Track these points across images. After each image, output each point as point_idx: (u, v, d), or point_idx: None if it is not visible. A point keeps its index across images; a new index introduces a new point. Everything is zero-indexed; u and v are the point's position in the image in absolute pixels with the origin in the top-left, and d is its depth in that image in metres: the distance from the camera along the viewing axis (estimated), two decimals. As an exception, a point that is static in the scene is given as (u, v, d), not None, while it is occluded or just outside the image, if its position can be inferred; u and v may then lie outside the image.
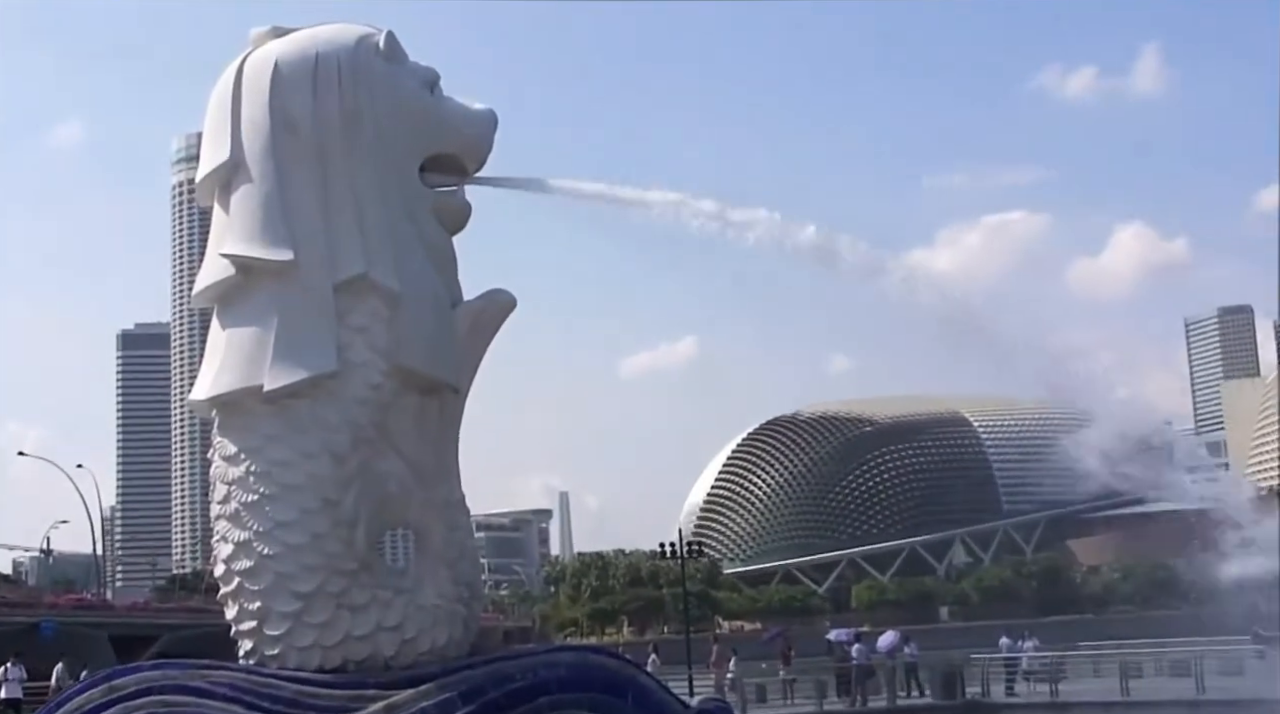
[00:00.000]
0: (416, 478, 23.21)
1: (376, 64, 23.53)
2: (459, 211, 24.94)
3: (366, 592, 22.41)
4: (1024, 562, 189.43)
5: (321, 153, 22.74)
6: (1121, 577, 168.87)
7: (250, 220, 22.60)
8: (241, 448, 22.31)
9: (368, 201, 22.81)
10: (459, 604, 23.58)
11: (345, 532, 22.23)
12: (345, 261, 22.44)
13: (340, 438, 22.20)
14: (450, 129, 24.16)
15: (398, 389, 22.83)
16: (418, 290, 23.00)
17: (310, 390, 22.11)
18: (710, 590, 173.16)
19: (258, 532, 21.92)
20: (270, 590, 21.93)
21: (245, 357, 22.32)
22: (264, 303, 22.42)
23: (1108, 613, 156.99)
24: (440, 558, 23.45)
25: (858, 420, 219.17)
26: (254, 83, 23.17)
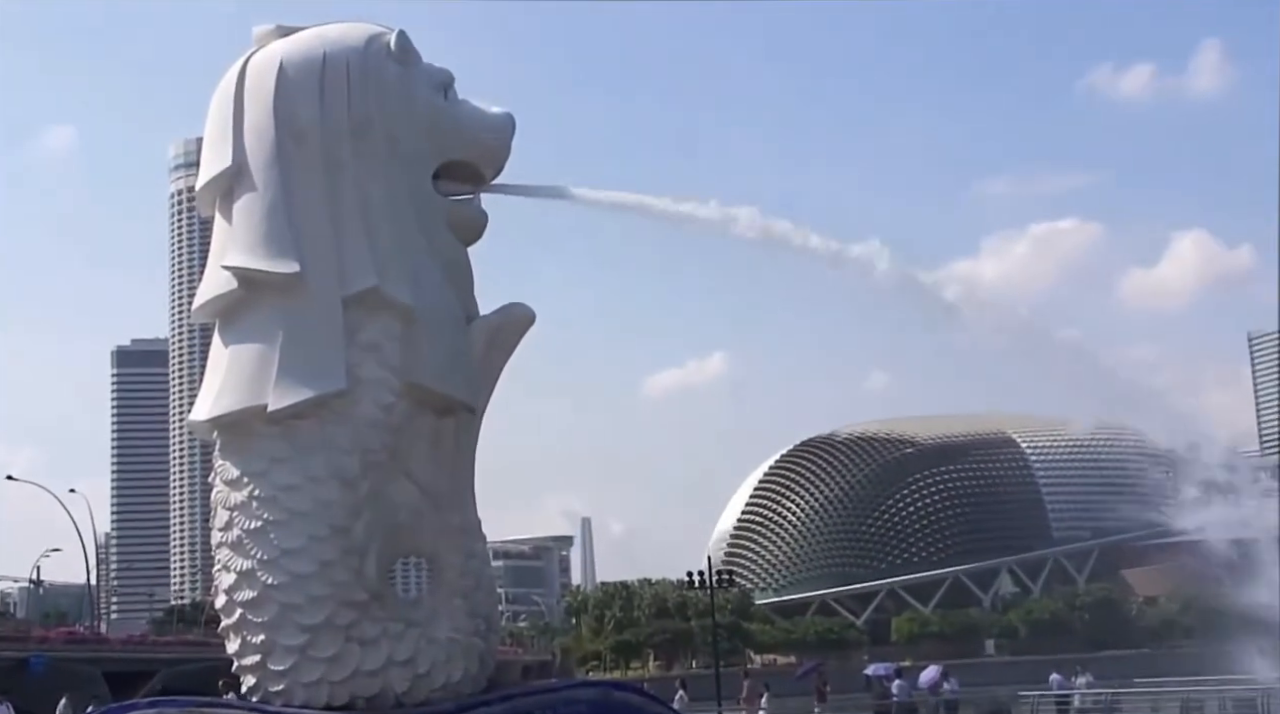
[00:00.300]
0: (430, 503, 23.29)
1: (387, 66, 23.70)
2: (475, 221, 25.05)
3: (377, 624, 22.48)
4: (1076, 592, 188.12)
5: (330, 159, 22.95)
6: (1181, 609, 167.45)
7: (254, 231, 22.78)
8: (244, 472, 22.47)
9: (379, 211, 22.99)
10: (475, 637, 23.64)
11: (355, 560, 22.31)
12: (355, 274, 22.62)
13: (350, 461, 22.34)
14: (466, 134, 24.29)
15: (411, 409, 22.98)
16: (432, 305, 23.12)
17: (318, 411, 22.28)
18: (741, 622, 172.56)
19: (262, 560, 22.04)
20: (275, 622, 22.06)
21: (248, 375, 22.49)
22: (268, 318, 22.60)
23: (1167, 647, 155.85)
24: (455, 588, 23.50)
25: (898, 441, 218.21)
26: (258, 85, 23.36)
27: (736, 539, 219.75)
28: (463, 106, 24.52)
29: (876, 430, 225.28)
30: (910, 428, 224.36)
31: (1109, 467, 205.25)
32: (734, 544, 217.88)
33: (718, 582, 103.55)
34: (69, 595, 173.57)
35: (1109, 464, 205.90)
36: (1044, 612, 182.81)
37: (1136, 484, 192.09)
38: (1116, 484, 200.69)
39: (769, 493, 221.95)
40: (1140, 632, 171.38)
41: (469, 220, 24.65)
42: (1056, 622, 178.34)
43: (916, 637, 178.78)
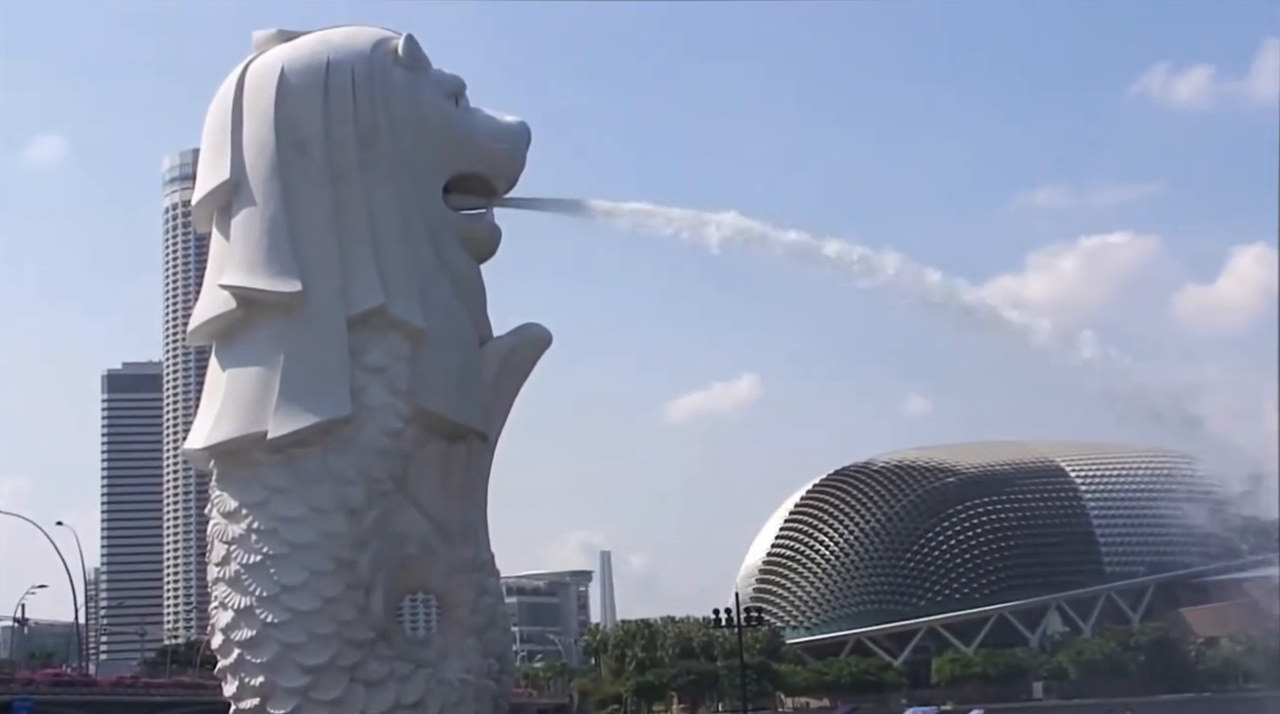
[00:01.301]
0: (440, 535, 23.33)
1: (395, 72, 23.84)
2: (488, 237, 25.15)
3: (384, 664, 22.52)
4: (1130, 632, 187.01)
5: (334, 172, 23.10)
6: (1245, 650, 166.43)
7: (253, 248, 22.92)
8: (243, 503, 22.55)
9: (386, 227, 23.12)
10: (488, 678, 23.65)
11: (360, 596, 22.36)
12: (361, 293, 22.74)
13: (355, 491, 22.43)
14: (478, 145, 24.45)
15: (420, 436, 23.06)
16: (443, 326, 23.20)
17: (321, 438, 22.39)
18: (771, 663, 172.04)
19: (261, 597, 22.10)
20: (275, 663, 22.10)
21: (248, 400, 22.61)
22: (269, 340, 22.72)
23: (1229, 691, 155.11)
24: (467, 626, 23.54)
25: (939, 470, 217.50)
26: (257, 94, 23.55)
27: (766, 574, 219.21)
28: (475, 115, 24.64)
29: (915, 458, 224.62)
30: (952, 456, 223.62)
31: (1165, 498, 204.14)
32: (763, 580, 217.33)
33: (746, 620, 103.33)
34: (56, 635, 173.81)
35: (1165, 495, 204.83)
36: (1095, 652, 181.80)
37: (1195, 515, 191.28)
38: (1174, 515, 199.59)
39: (801, 525, 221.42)
40: (1200, 675, 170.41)
41: (481, 236, 24.74)
42: (1109, 663, 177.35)
43: (958, 678, 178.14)
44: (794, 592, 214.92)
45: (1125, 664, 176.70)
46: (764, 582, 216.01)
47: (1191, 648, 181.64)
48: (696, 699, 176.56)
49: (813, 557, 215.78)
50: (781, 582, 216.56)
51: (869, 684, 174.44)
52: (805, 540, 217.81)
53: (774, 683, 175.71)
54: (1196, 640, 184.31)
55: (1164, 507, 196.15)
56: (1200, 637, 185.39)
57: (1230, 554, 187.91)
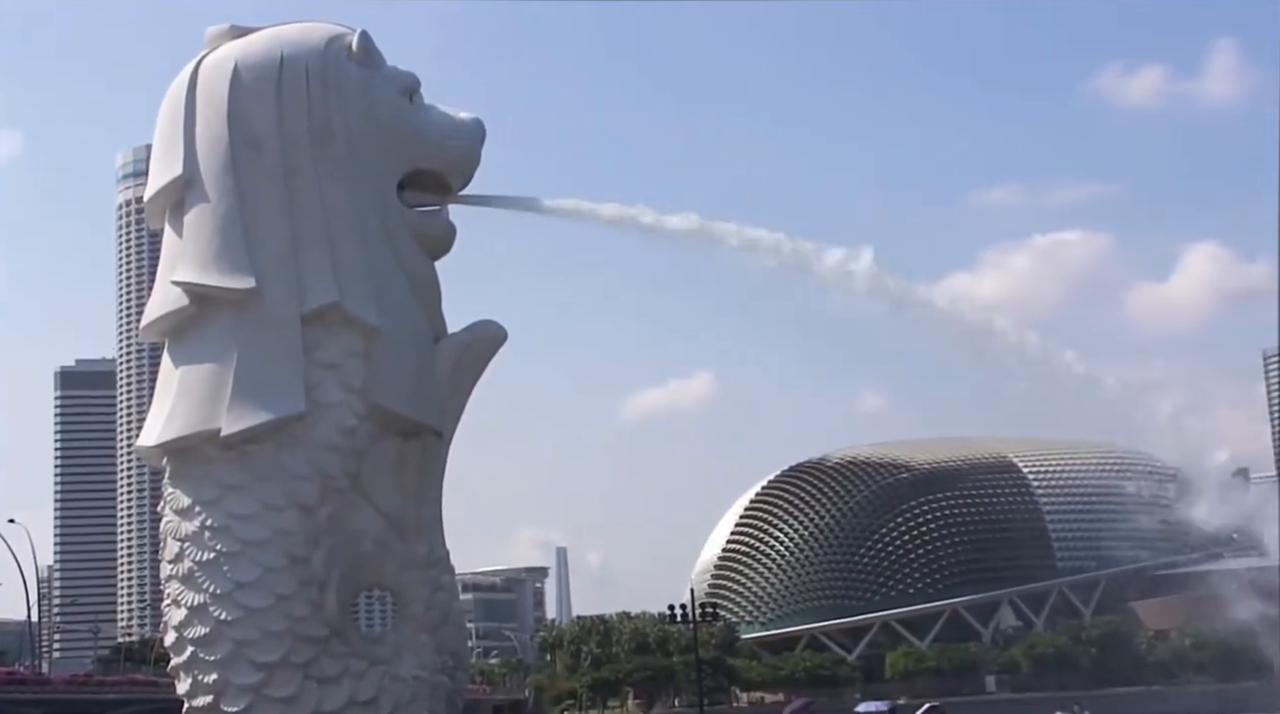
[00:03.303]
0: (394, 532, 23.28)
1: (349, 69, 23.74)
2: (442, 234, 25.11)
3: (338, 661, 22.45)
4: (1081, 626, 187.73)
5: (288, 168, 23.00)
6: (1194, 644, 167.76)
7: (206, 244, 22.80)
8: (196, 500, 22.44)
9: (340, 223, 23.03)
10: (442, 675, 23.62)
11: (314, 593, 22.29)
12: (315, 290, 22.68)
13: (308, 488, 22.37)
14: (432, 142, 24.40)
15: (374, 433, 23.01)
16: (397, 322, 23.14)
17: (274, 434, 22.31)
18: (726, 658, 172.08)
19: (214, 594, 21.99)
20: (228, 661, 21.99)
21: (200, 397, 22.50)
22: (222, 336, 22.61)
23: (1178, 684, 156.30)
24: (421, 623, 23.50)
25: (892, 466, 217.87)
26: (210, 89, 23.40)
27: (721, 570, 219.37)
28: (429, 112, 24.59)
29: (869, 455, 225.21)
30: (905, 452, 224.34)
31: (1116, 492, 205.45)
32: (718, 575, 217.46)
33: (701, 615, 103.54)
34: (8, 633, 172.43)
35: (1116, 489, 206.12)
36: (1047, 646, 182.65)
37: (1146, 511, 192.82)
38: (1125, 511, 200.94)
39: (755, 521, 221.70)
40: (1150, 668, 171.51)
41: (436, 232, 24.70)
42: (1061, 657, 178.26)
43: (912, 673, 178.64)
44: (749, 587, 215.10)
45: (1077, 658, 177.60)
46: (719, 577, 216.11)
47: (1142, 641, 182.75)
48: (652, 695, 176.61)
49: (767, 552, 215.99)
50: (736, 577, 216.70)
51: (823, 679, 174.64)
52: (760, 536, 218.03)
53: (729, 678, 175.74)
54: (1147, 634, 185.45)
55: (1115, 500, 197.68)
56: (1150, 630, 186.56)
57: (1180, 548, 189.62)
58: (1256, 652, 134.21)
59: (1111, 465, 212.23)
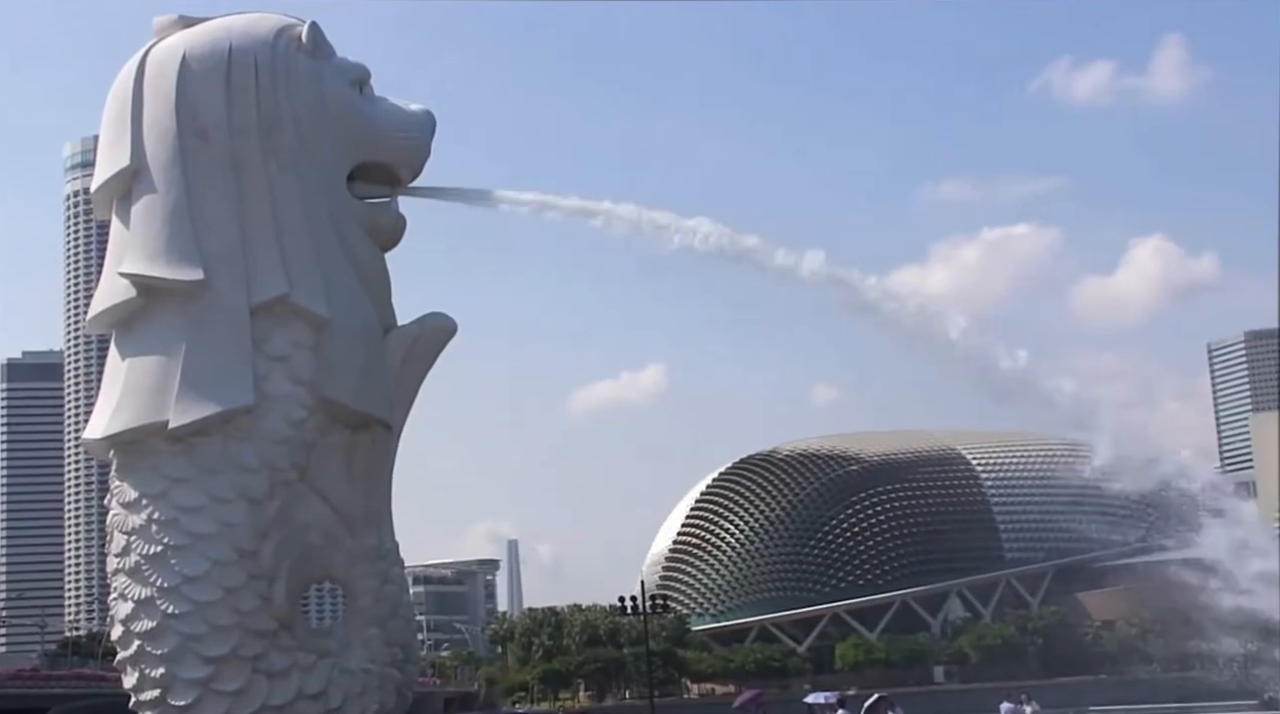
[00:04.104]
0: (344, 525, 23.20)
1: (298, 60, 23.61)
2: (392, 226, 25.01)
3: (286, 655, 22.36)
4: (1029, 616, 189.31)
5: (236, 159, 22.85)
6: (1139, 634, 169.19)
7: (154, 235, 22.65)
8: (143, 493, 22.27)
9: (289, 215, 22.91)
10: (391, 668, 23.57)
11: (262, 586, 22.19)
12: (263, 282, 22.54)
13: (257, 480, 22.25)
14: (382, 134, 24.30)
15: (323, 425, 22.91)
16: (346, 315, 23.06)
17: (222, 427, 22.16)
18: (677, 650, 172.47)
19: (162, 588, 21.86)
20: (175, 654, 21.84)
21: (148, 389, 22.33)
22: (170, 328, 22.45)
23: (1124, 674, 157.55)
24: (370, 616, 23.44)
25: (842, 458, 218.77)
26: (158, 80, 23.22)
27: (672, 562, 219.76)
28: (379, 104, 24.53)
29: (819, 447, 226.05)
30: (855, 444, 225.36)
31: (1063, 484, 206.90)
32: (669, 567, 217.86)
33: (652, 607, 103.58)
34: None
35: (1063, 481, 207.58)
36: (995, 636, 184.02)
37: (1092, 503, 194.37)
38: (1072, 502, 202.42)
39: (706, 513, 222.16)
40: (1096, 657, 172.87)
41: (386, 225, 24.63)
42: (1008, 647, 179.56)
43: (861, 664, 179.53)
44: (699, 579, 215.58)
45: (1024, 648, 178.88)
46: (670, 570, 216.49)
47: (1088, 631, 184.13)
48: (603, 686, 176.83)
49: (718, 544, 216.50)
50: (687, 569, 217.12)
51: (773, 670, 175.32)
52: (710, 528, 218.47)
53: (679, 670, 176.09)
54: (1093, 624, 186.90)
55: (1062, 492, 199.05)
56: (1096, 620, 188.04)
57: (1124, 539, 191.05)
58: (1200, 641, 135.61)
59: (1058, 458, 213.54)
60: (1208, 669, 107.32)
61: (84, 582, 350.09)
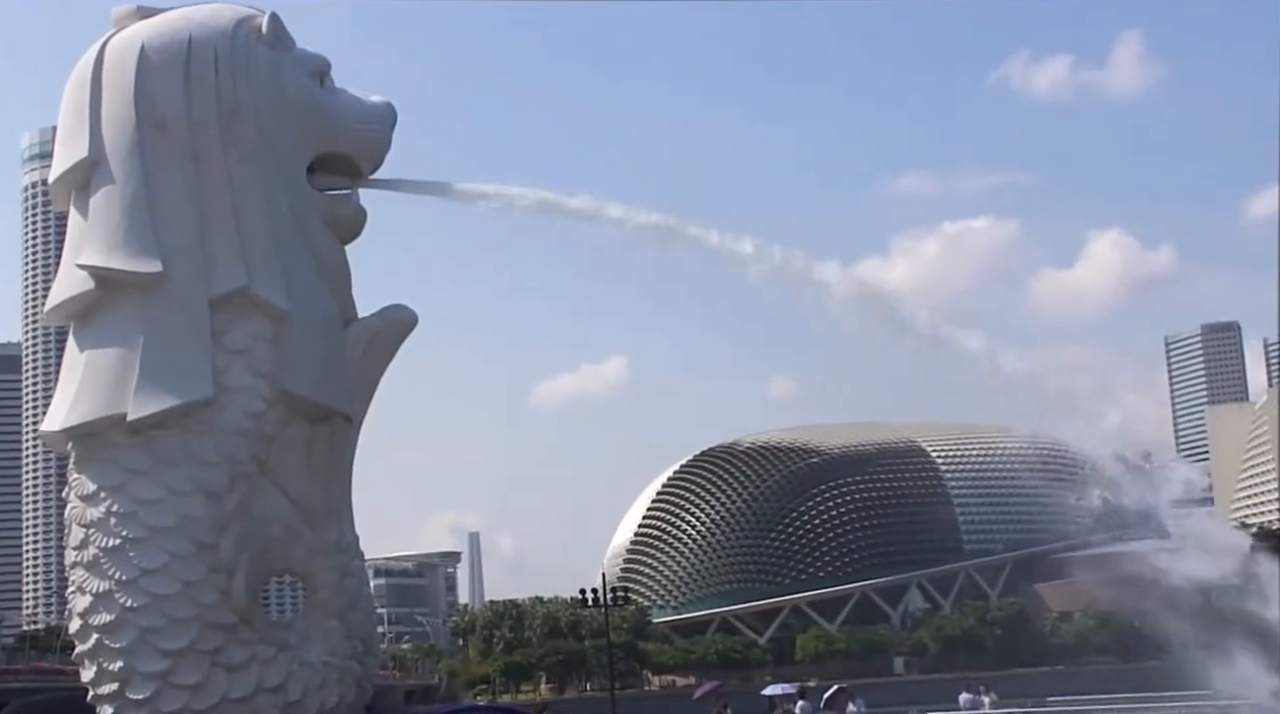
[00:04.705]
0: (303, 518, 23.12)
1: (258, 51, 23.49)
2: (353, 218, 24.92)
3: (246, 648, 22.27)
4: (988, 608, 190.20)
5: (196, 152, 22.72)
6: (1097, 625, 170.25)
7: (113, 227, 22.52)
8: (102, 486, 22.14)
9: (249, 207, 22.80)
10: (351, 660, 23.50)
11: (221, 579, 22.08)
12: (223, 274, 22.43)
13: (216, 473, 22.13)
14: (342, 126, 24.19)
15: (283, 418, 22.82)
16: (306, 307, 22.97)
17: (181, 420, 22.04)
18: (638, 642, 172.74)
19: (120, 581, 21.73)
20: (134, 648, 21.72)
21: (106, 381, 22.20)
22: (128, 320, 22.33)
23: (1082, 665, 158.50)
24: (330, 608, 23.37)
25: (803, 451, 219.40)
26: (117, 71, 23.08)
27: (633, 555, 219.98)
28: (339, 95, 24.44)
29: (780, 440, 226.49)
30: (815, 437, 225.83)
31: (1023, 476, 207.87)
32: (630, 560, 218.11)
33: (613, 600, 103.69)
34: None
35: (1023, 473, 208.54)
36: (954, 628, 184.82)
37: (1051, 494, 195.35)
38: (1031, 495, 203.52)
39: (667, 506, 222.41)
40: (1054, 648, 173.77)
41: (346, 217, 24.55)
42: (968, 638, 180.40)
43: (822, 655, 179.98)
44: (660, 571, 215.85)
45: (983, 639, 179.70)
46: (631, 562, 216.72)
47: (1046, 623, 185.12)
48: (564, 679, 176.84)
49: (679, 537, 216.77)
50: (648, 562, 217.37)
51: (734, 662, 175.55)
52: (671, 521, 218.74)
53: (641, 662, 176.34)
54: (1051, 615, 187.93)
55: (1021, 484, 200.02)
56: (1054, 612, 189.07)
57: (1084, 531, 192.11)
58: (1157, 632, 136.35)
59: (1018, 450, 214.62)
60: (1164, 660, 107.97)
61: (42, 575, 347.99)
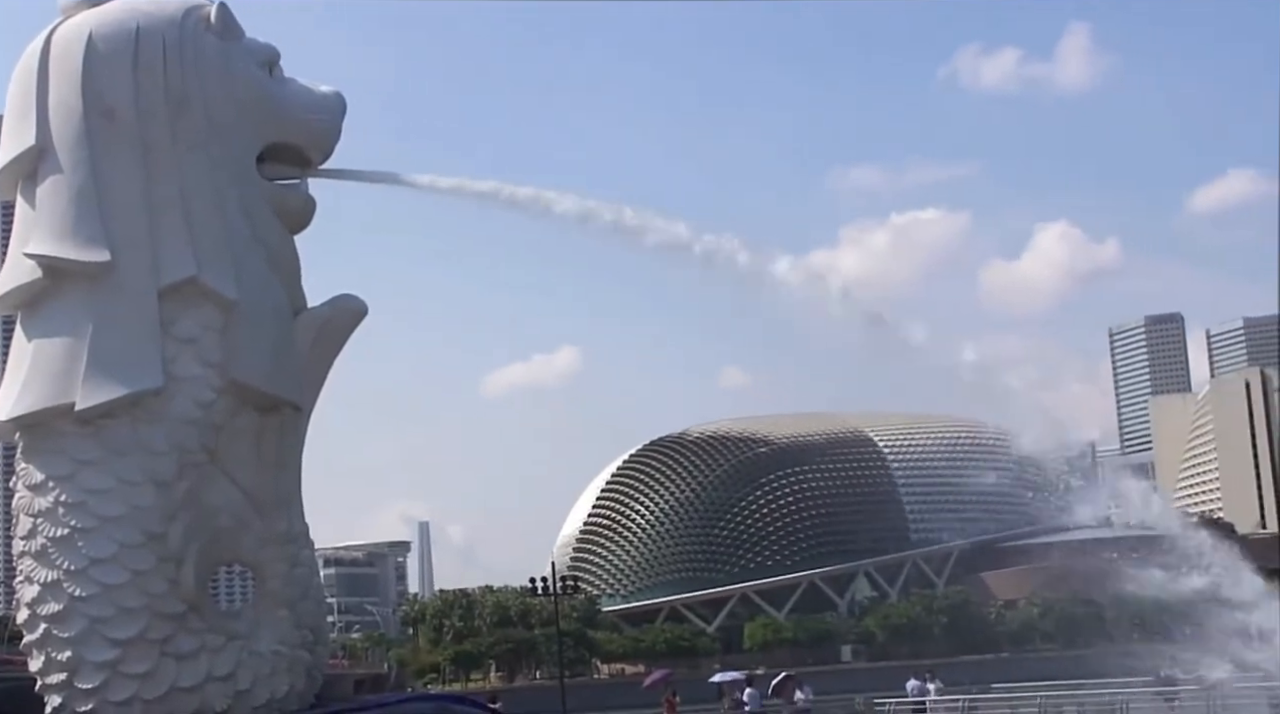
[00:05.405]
0: (253, 508, 23.04)
1: (207, 40, 23.36)
2: (302, 208, 24.84)
3: (195, 637, 22.18)
4: (934, 596, 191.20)
5: (144, 141, 22.60)
6: (1041, 612, 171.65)
7: (60, 216, 22.38)
8: (50, 475, 22.01)
9: (198, 197, 22.68)
10: (301, 649, 23.44)
11: (171, 569, 21.98)
12: (172, 264, 22.32)
13: (165, 463, 22.04)
14: (292, 116, 24.12)
15: (232, 407, 22.72)
16: (255, 296, 22.87)
17: (130, 409, 21.95)
18: (587, 630, 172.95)
19: (69, 570, 21.60)
20: (82, 638, 21.62)
21: (54, 371, 22.06)
22: (76, 310, 22.21)
23: (1026, 651, 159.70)
24: (280, 598, 23.31)
25: (751, 440, 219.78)
26: (64, 59, 22.90)
27: (582, 544, 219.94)
28: (289, 85, 24.34)
29: (729, 429, 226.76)
30: (764, 427, 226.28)
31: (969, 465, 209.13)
32: (579, 549, 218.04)
33: (562, 588, 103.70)
34: None
35: (969, 463, 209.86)
36: (901, 616, 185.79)
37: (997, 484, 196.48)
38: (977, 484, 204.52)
39: (616, 495, 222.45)
40: (999, 636, 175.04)
41: (295, 206, 24.46)
42: (914, 626, 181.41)
43: (770, 643, 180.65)
44: (610, 560, 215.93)
45: (929, 627, 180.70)
46: (580, 551, 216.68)
47: (992, 610, 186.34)
48: (514, 667, 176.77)
49: (628, 526, 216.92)
50: (598, 551, 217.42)
51: (683, 650, 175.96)
52: (621, 510, 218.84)
53: (590, 650, 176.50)
54: (996, 603, 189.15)
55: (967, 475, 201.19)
56: (1000, 600, 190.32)
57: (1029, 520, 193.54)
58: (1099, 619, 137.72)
59: (964, 440, 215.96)
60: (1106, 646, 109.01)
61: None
